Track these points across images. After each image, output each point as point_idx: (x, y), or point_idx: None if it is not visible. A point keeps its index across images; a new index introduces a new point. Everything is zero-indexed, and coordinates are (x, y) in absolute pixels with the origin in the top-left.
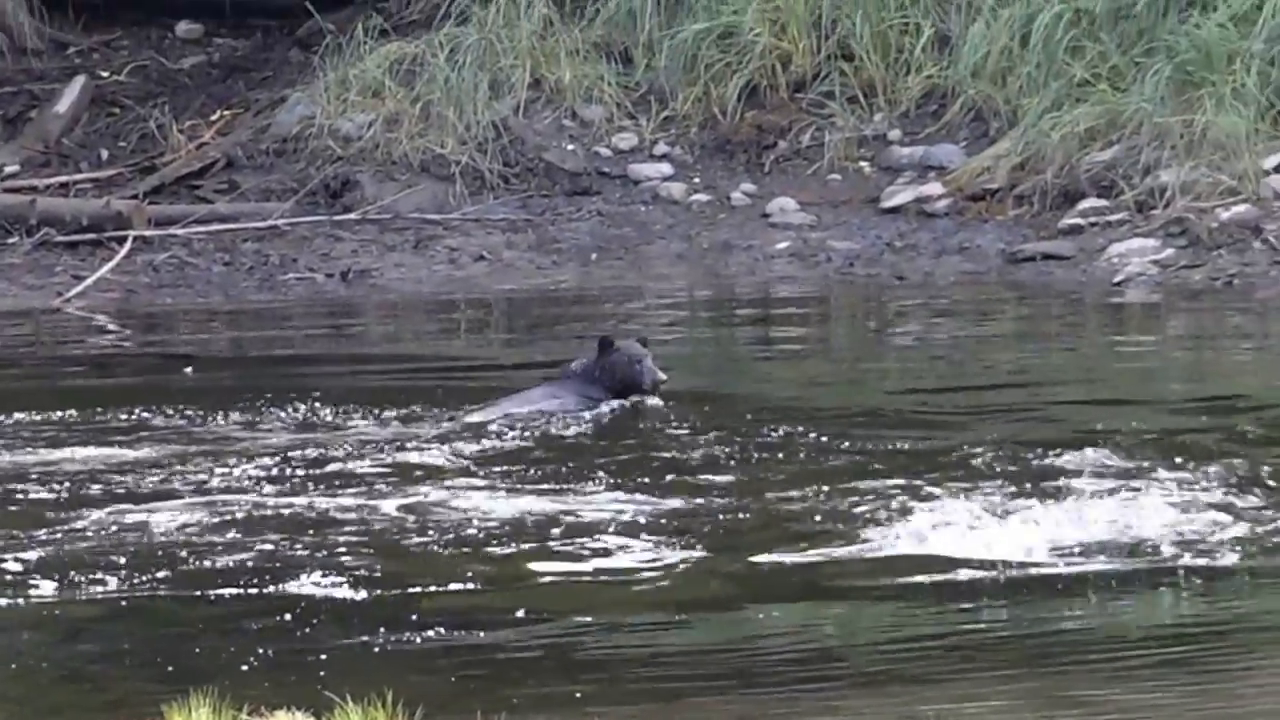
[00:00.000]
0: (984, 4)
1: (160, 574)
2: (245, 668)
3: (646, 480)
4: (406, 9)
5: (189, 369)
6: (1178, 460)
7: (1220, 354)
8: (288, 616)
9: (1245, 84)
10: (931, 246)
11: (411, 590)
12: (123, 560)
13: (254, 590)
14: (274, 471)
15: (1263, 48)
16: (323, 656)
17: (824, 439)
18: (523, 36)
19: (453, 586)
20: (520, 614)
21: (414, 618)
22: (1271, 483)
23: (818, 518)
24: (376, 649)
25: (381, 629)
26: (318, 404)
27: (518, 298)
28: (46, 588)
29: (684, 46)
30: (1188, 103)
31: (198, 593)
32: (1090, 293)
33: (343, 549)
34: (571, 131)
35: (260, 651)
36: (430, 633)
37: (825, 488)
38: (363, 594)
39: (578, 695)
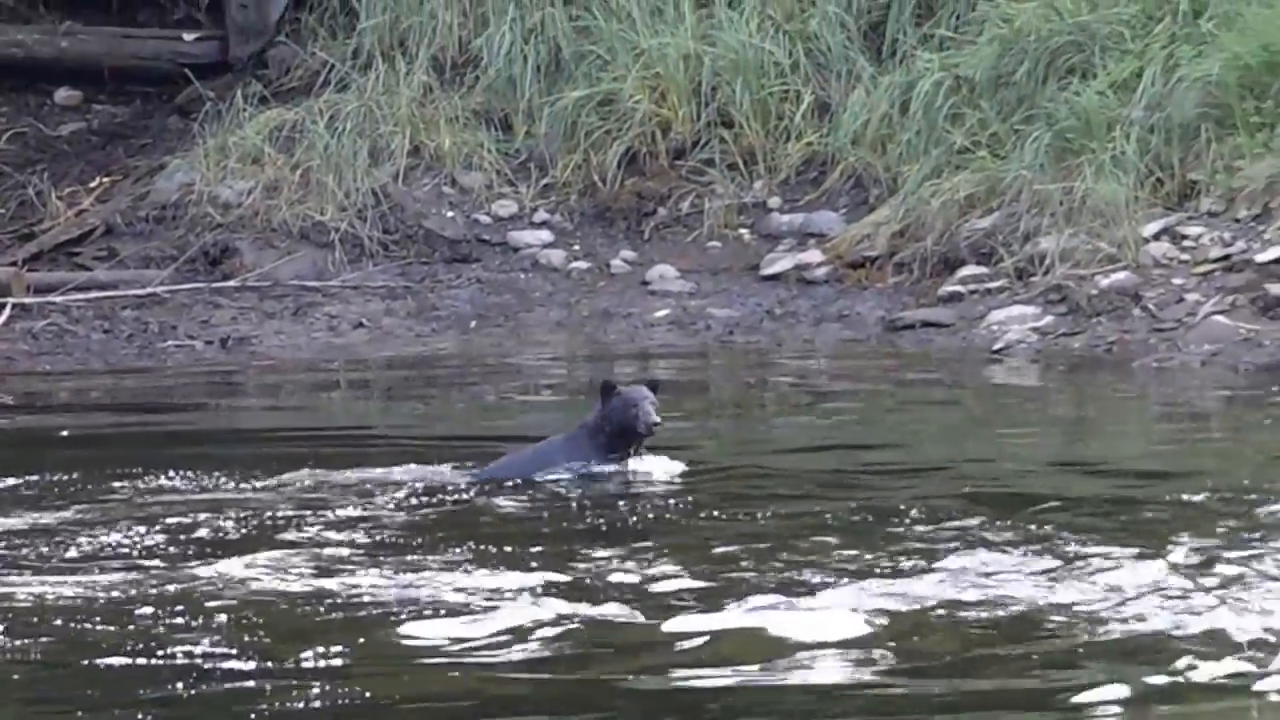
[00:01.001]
0: (864, 72)
1: (33, 645)
2: None
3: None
4: (286, 76)
5: (65, 432)
6: (1037, 528)
7: (1096, 420)
8: (157, 690)
9: (1125, 151)
10: (811, 314)
11: (289, 664)
12: None
13: (126, 661)
14: (147, 539)
15: (1142, 115)
16: None
17: (710, 506)
18: (402, 103)
19: (329, 662)
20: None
21: (293, 693)
22: (1114, 549)
23: (716, 581)
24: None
25: (261, 704)
26: (194, 471)
27: (397, 365)
28: None
29: (564, 113)
30: (1067, 170)
31: (76, 664)
32: (970, 360)
33: (220, 619)
34: (451, 198)
35: None
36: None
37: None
38: (244, 665)
39: None
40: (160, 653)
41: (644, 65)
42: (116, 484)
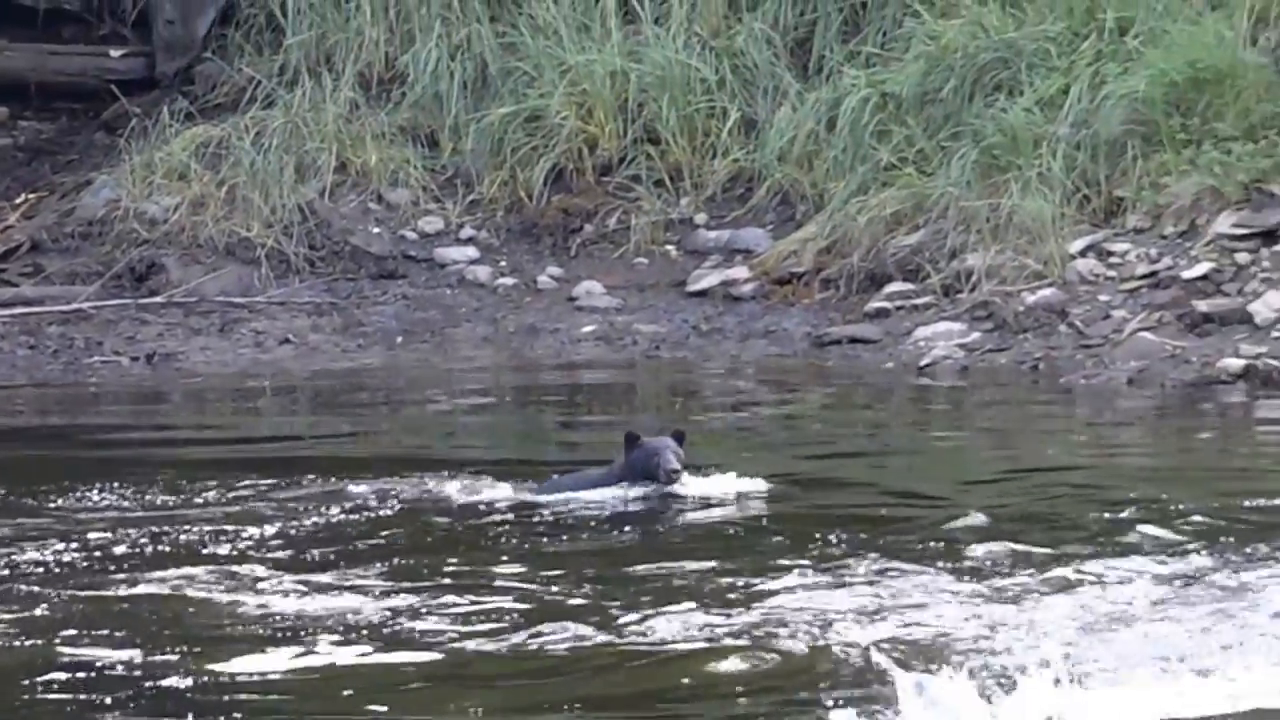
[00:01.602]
0: (790, 88)
1: None
2: None
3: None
4: (212, 92)
5: None
6: (966, 548)
7: (1021, 436)
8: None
9: (1051, 168)
10: (738, 330)
11: (212, 679)
12: None
13: (63, 676)
14: (73, 554)
15: (1068, 132)
16: None
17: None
18: (329, 120)
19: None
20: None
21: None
22: (1025, 570)
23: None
24: None
25: None
26: (117, 486)
27: (323, 380)
28: None
29: (490, 130)
30: (994, 187)
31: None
32: (896, 376)
33: (140, 637)
34: (377, 215)
35: None
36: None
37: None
38: (172, 683)
39: None
40: (93, 669)
41: (571, 82)
42: (38, 500)
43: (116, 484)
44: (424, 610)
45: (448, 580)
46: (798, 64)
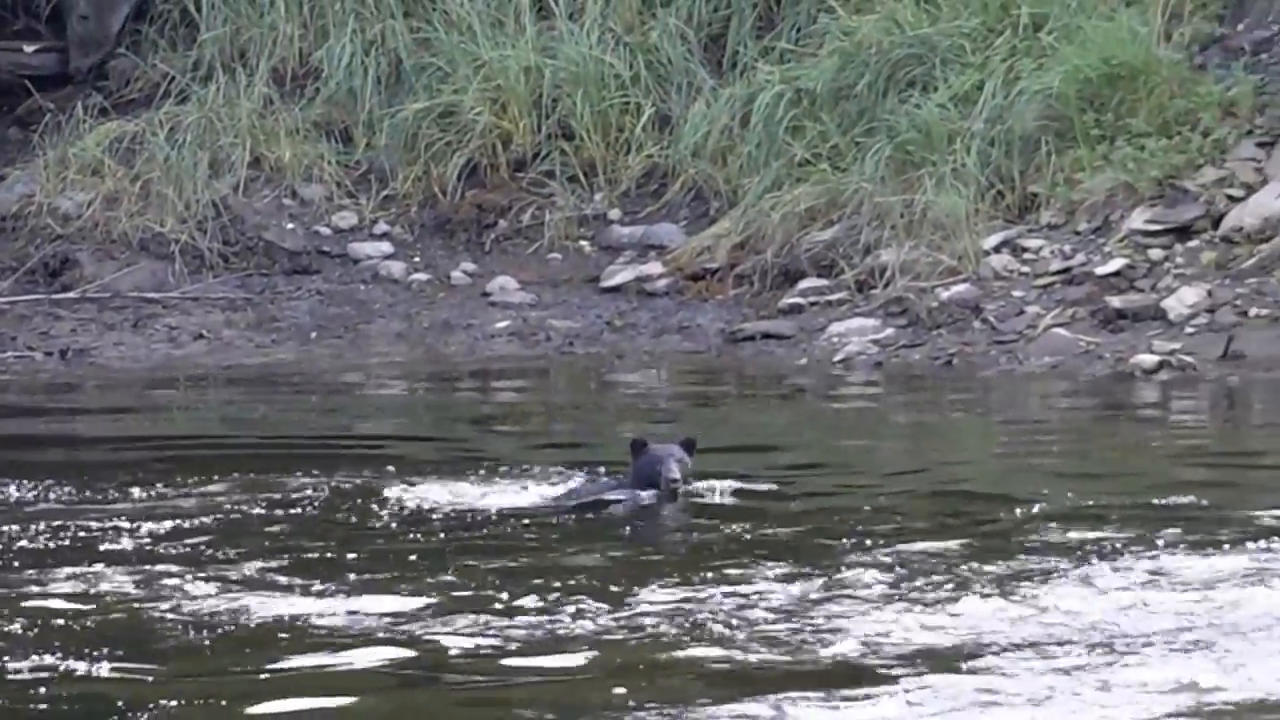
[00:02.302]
0: (704, 84)
1: None
2: None
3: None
4: (126, 88)
5: None
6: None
7: (933, 432)
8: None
9: (965, 164)
10: (651, 325)
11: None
12: None
13: None
14: None
15: (982, 128)
16: None
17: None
18: (243, 115)
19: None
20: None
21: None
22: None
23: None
24: None
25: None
26: (26, 482)
27: (237, 376)
28: None
29: (404, 125)
30: (908, 182)
31: None
32: (810, 372)
33: (58, 637)
34: (291, 210)
35: None
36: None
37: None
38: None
39: None
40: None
41: (485, 77)
42: None
43: (25, 480)
44: (340, 608)
45: (368, 577)
46: (712, 60)
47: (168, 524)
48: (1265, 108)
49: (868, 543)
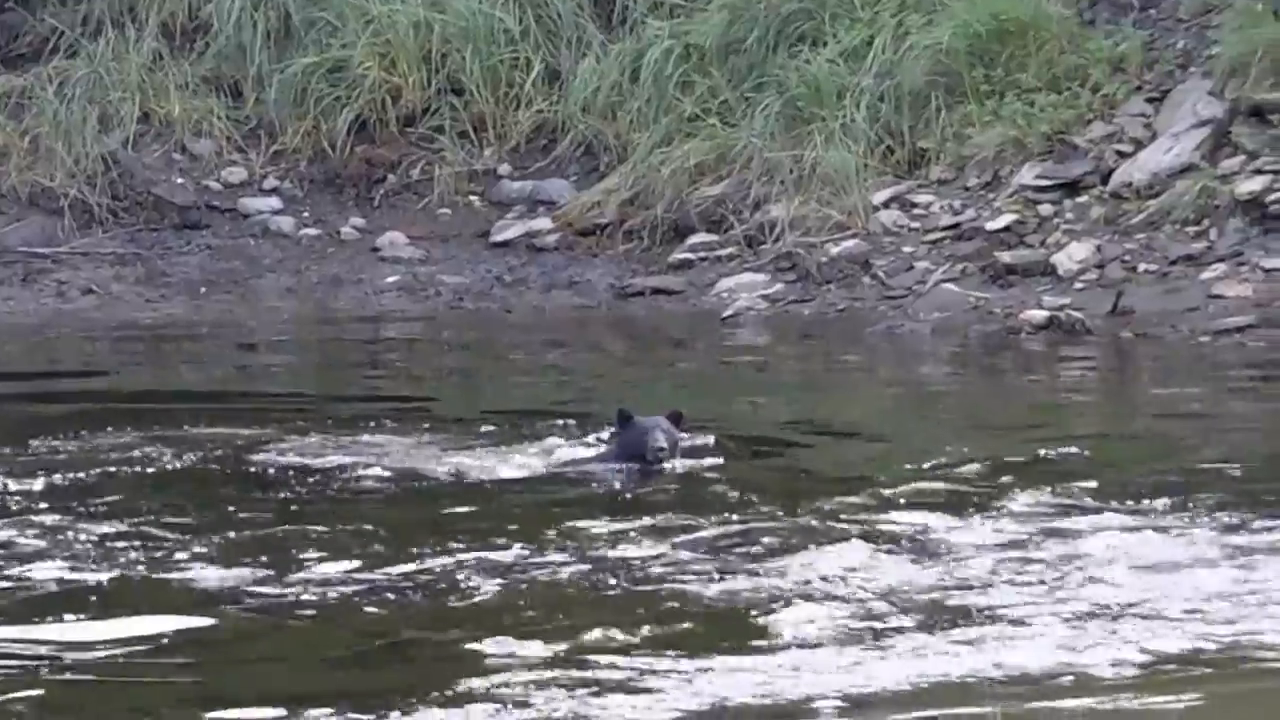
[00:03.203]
0: (594, 39)
1: None
2: None
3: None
4: (15, 42)
5: None
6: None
7: (822, 387)
8: None
9: (855, 120)
10: (541, 281)
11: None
12: None
13: None
14: None
15: (872, 84)
16: None
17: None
18: (132, 70)
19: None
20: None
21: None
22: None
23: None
24: None
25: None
26: None
27: (126, 331)
28: None
29: (294, 80)
30: (798, 138)
31: None
32: (699, 326)
33: None
34: (181, 165)
35: None
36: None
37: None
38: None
39: None
40: None
41: (374, 32)
42: None
43: None
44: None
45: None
46: (601, 15)
47: (57, 478)
48: (1154, 63)
49: (753, 498)
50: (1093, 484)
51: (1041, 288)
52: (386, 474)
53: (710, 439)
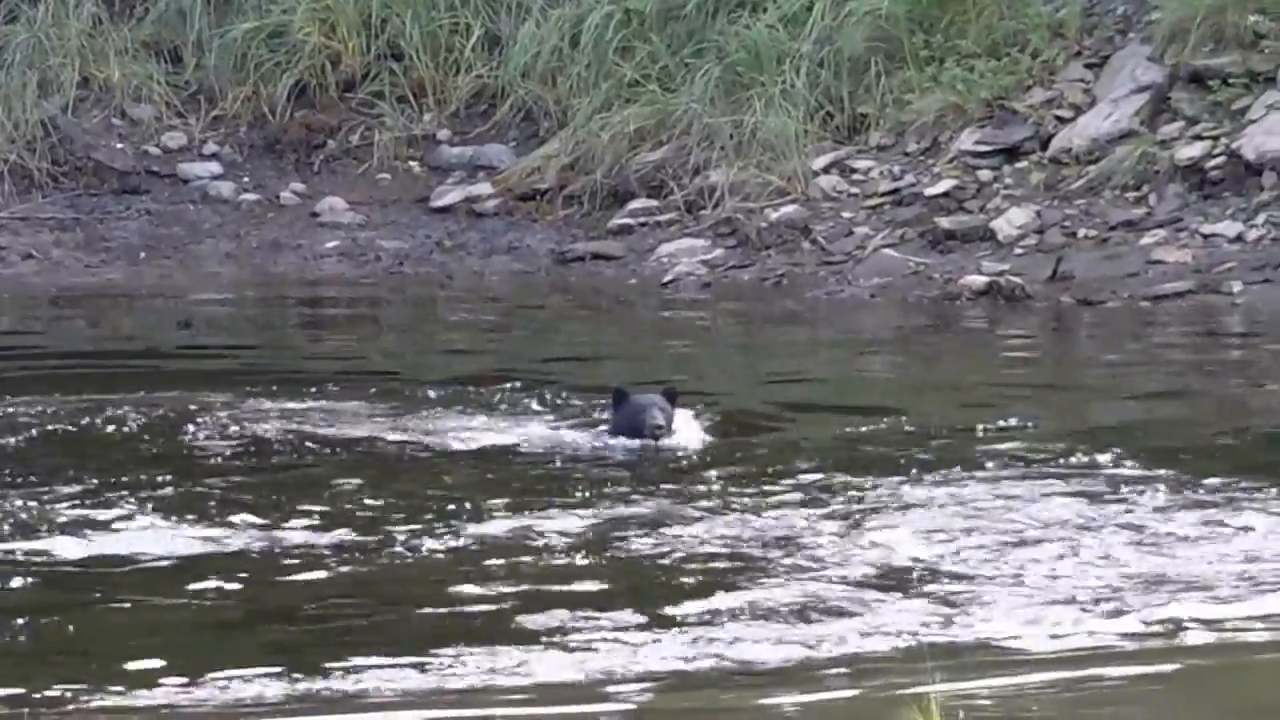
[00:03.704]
0: (534, 4)
1: None
2: None
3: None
4: None
5: None
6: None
7: (760, 352)
8: None
9: (795, 85)
10: (481, 246)
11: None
12: None
13: None
14: None
15: (812, 49)
16: None
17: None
18: (72, 35)
19: None
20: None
21: None
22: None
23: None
24: None
25: None
26: None
27: (65, 296)
28: None
29: (233, 46)
30: (737, 103)
31: None
32: (639, 292)
33: None
34: (121, 130)
35: None
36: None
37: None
38: None
39: None
40: None
41: None
42: None
43: None
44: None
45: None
46: None
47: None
48: (1093, 29)
49: (698, 458)
50: (1033, 449)
51: (981, 253)
52: (334, 441)
53: (691, 413)
